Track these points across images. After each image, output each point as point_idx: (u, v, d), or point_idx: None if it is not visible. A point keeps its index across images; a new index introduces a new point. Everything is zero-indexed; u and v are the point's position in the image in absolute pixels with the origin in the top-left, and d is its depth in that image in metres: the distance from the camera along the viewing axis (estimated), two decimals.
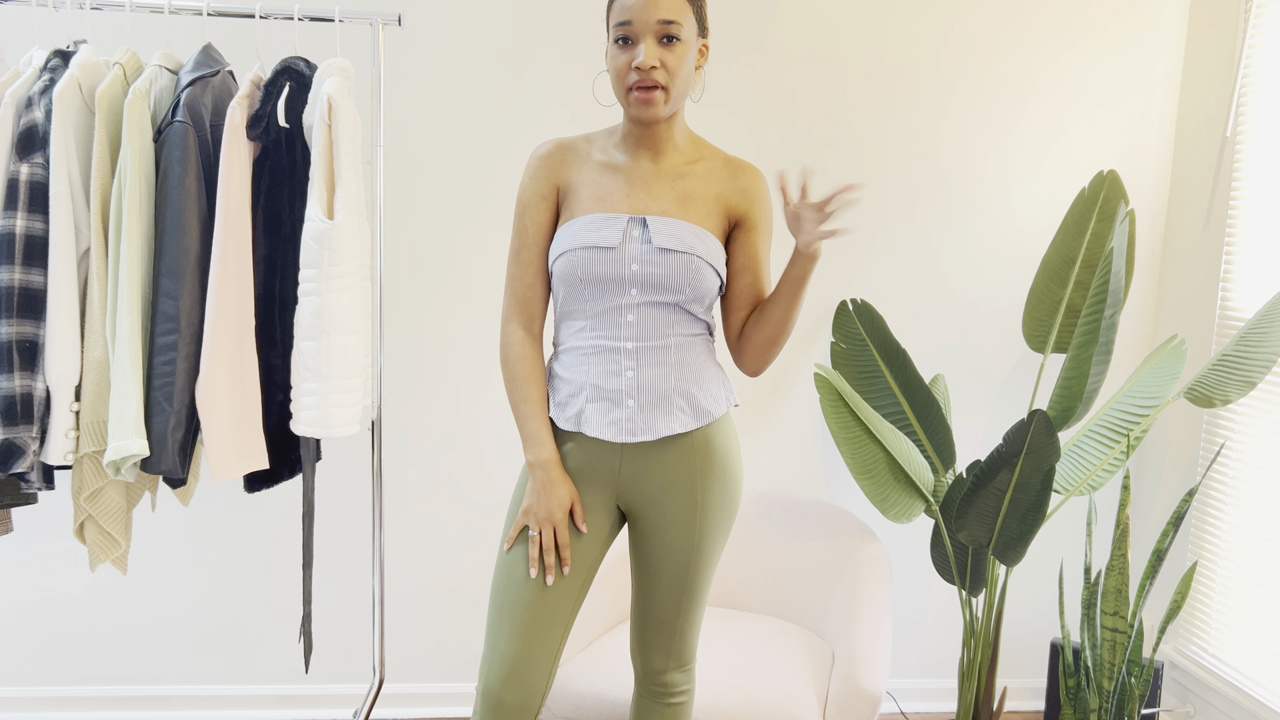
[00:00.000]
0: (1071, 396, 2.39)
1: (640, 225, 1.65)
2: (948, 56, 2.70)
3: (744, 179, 1.73)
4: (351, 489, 2.63)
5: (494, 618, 1.67)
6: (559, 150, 1.73)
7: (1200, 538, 2.70)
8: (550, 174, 1.72)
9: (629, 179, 1.69)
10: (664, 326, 1.66)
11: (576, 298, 1.67)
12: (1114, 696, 2.31)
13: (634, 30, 1.59)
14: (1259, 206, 2.53)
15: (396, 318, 2.62)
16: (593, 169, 1.71)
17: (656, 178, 1.69)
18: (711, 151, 1.75)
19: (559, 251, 1.67)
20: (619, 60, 1.61)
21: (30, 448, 1.86)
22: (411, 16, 2.51)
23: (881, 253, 2.76)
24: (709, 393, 1.71)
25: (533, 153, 1.75)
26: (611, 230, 1.64)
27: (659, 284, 1.63)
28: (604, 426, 1.66)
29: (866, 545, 2.44)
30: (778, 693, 2.07)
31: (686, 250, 1.63)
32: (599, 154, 1.72)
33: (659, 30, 1.58)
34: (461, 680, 2.79)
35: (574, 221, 1.67)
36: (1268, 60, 2.50)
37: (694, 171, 1.71)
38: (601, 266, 1.63)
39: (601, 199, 1.68)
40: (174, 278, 1.88)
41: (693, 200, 1.69)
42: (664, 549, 1.72)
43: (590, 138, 1.76)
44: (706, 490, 1.70)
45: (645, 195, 1.68)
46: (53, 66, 1.93)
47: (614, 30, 1.61)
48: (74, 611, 2.65)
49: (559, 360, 1.73)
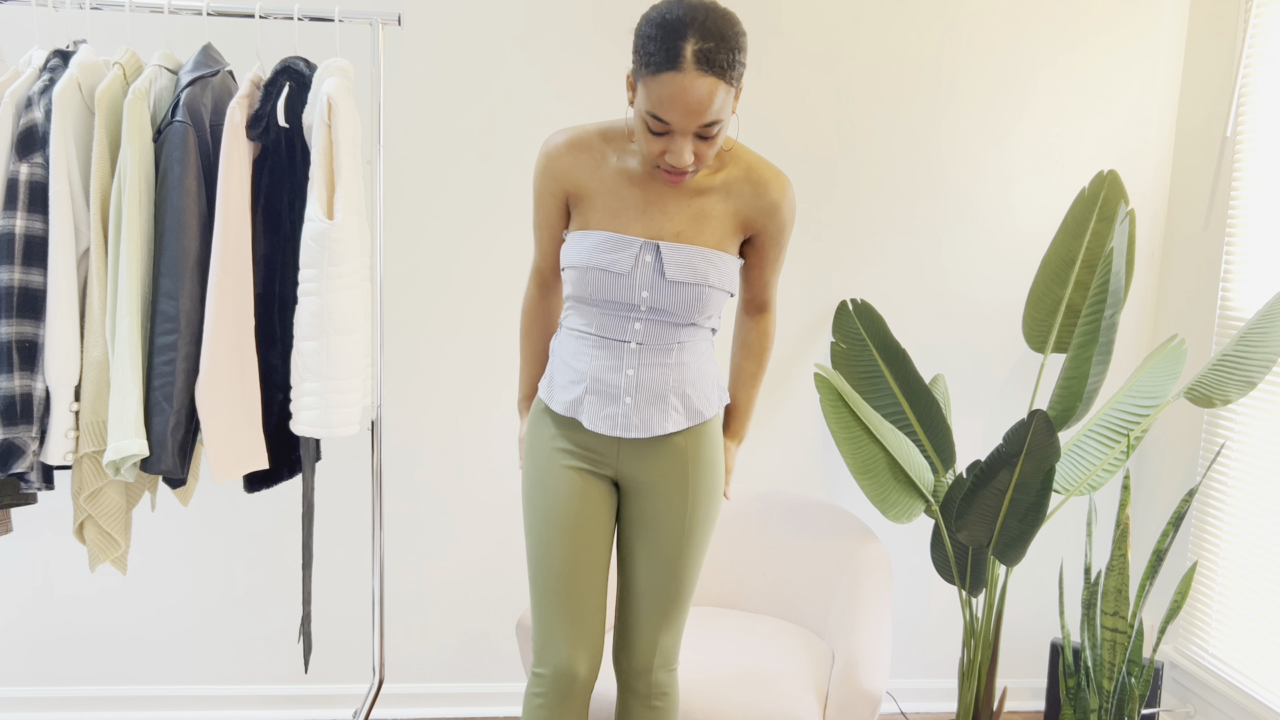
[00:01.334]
0: (1071, 396, 2.39)
1: (653, 252, 1.61)
2: (948, 57, 2.70)
3: (767, 195, 1.66)
4: (351, 489, 2.63)
5: (539, 600, 1.73)
6: (570, 151, 1.66)
7: (1200, 538, 2.70)
8: (559, 178, 1.67)
9: (646, 195, 1.63)
10: (669, 333, 1.68)
11: (584, 303, 1.69)
12: (1114, 696, 2.31)
13: (673, 126, 1.49)
14: (1259, 206, 2.53)
15: (396, 318, 2.62)
16: (609, 175, 1.65)
17: (674, 194, 1.63)
18: (737, 161, 1.67)
19: (569, 262, 1.66)
20: (651, 144, 1.52)
21: (30, 448, 1.86)
22: (411, 16, 2.51)
23: (882, 253, 2.76)
24: (703, 393, 1.72)
25: (544, 143, 1.69)
26: (624, 255, 1.61)
27: (666, 311, 1.65)
28: (600, 420, 1.67)
29: (866, 545, 2.44)
30: (778, 693, 2.07)
31: (698, 282, 1.62)
32: (615, 158, 1.65)
33: (700, 132, 1.50)
34: (462, 680, 2.79)
35: (587, 236, 1.65)
36: (1268, 60, 2.50)
37: (714, 186, 1.65)
38: (611, 291, 1.63)
39: (616, 213, 1.64)
40: (174, 277, 1.88)
41: (709, 219, 1.64)
42: (654, 544, 1.74)
43: (608, 134, 1.67)
44: (696, 487, 1.73)
45: (661, 215, 1.63)
46: (52, 66, 1.93)
47: (649, 110, 1.49)
48: (73, 611, 2.65)
49: (562, 341, 1.74)
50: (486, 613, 2.76)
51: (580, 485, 1.71)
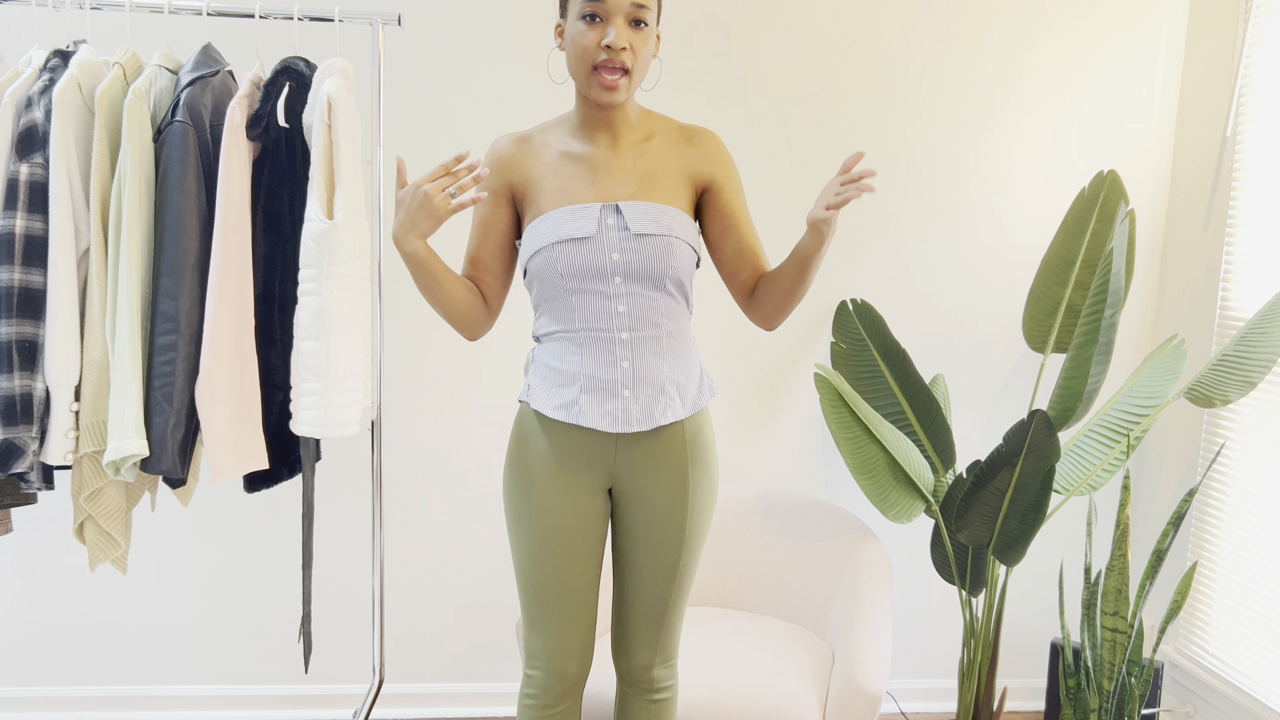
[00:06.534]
0: (1071, 396, 2.39)
1: (614, 212, 1.63)
2: (947, 57, 2.70)
3: (701, 144, 1.73)
4: (351, 489, 2.63)
5: (531, 610, 1.74)
6: (513, 145, 1.72)
7: (1200, 538, 2.70)
8: (503, 170, 1.71)
9: (590, 166, 1.68)
10: (655, 316, 1.66)
11: (559, 293, 1.65)
12: (1114, 696, 2.31)
13: (605, 9, 1.57)
14: (1259, 206, 2.52)
15: (396, 318, 2.62)
16: (552, 159, 1.70)
17: (617, 160, 1.68)
18: (664, 123, 1.74)
19: (533, 249, 1.65)
20: (585, 38, 1.59)
21: (30, 448, 1.86)
22: (411, 16, 2.51)
23: (882, 253, 2.76)
24: (695, 383, 1.72)
25: (490, 146, 1.74)
26: (585, 220, 1.62)
27: (641, 270, 1.63)
28: (600, 417, 1.65)
29: (866, 545, 2.44)
30: (778, 693, 2.07)
31: (665, 233, 1.63)
32: (556, 143, 1.71)
33: (630, 13, 1.58)
34: (461, 680, 2.79)
35: (544, 218, 1.66)
36: (1268, 60, 2.50)
37: (652, 148, 1.70)
38: (581, 258, 1.62)
39: (566, 190, 1.66)
40: (174, 277, 1.88)
41: (658, 178, 1.68)
42: (653, 541, 1.73)
43: (545, 128, 1.75)
44: (695, 480, 1.72)
45: (610, 180, 1.67)
46: (52, 66, 1.93)
47: (581, 5, 1.59)
48: (74, 612, 2.65)
49: (544, 349, 1.71)
50: (486, 613, 2.76)
51: (570, 502, 1.70)
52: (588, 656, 1.78)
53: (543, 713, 1.77)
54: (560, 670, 1.74)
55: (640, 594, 1.76)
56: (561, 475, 1.69)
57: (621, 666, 1.82)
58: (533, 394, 1.71)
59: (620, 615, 1.80)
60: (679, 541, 1.73)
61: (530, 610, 1.75)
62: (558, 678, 1.75)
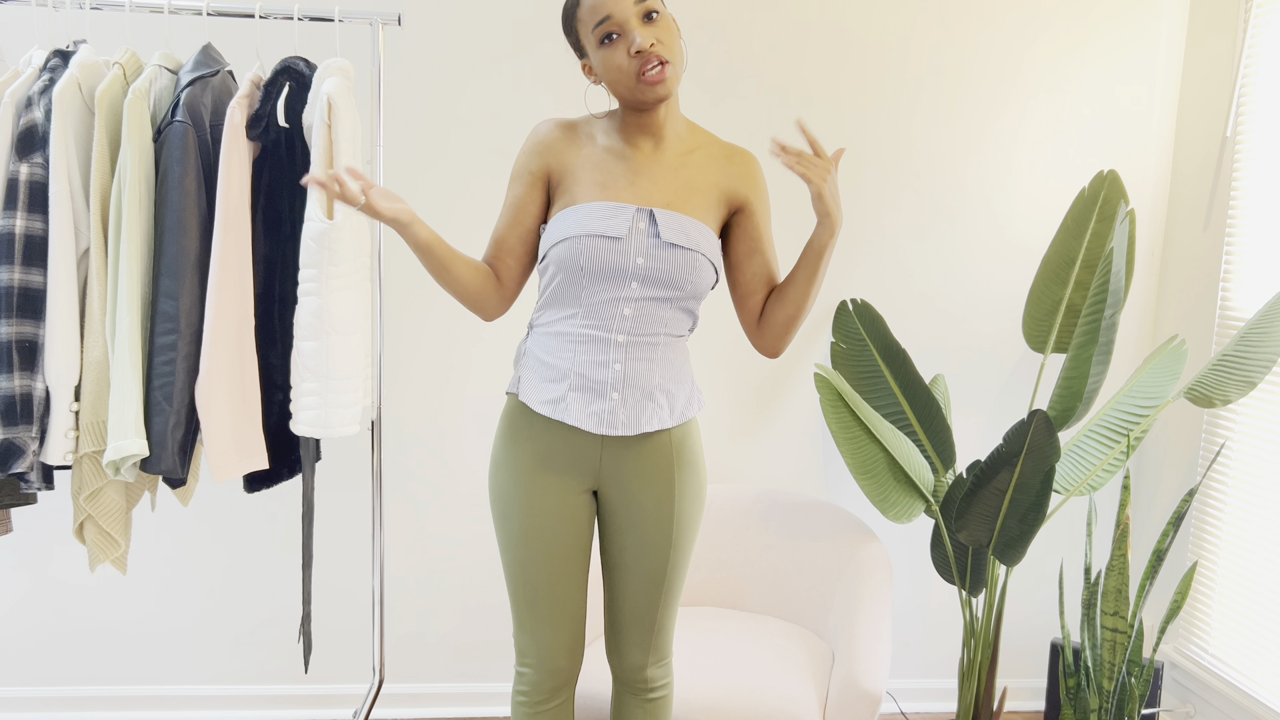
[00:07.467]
0: (1071, 396, 2.39)
1: (648, 218, 1.63)
2: (947, 57, 2.70)
3: (741, 165, 1.74)
4: (351, 489, 2.63)
5: (519, 610, 1.75)
6: (559, 129, 1.72)
7: (1200, 538, 2.70)
8: (544, 154, 1.71)
9: (632, 166, 1.67)
10: (657, 324, 1.66)
11: (573, 285, 1.64)
12: (1114, 696, 2.31)
13: (616, 22, 1.57)
14: (1259, 206, 2.53)
15: (396, 318, 2.62)
16: (594, 152, 1.69)
17: (659, 166, 1.68)
18: (707, 138, 1.75)
19: (560, 237, 1.64)
20: (616, 58, 1.59)
21: (30, 448, 1.86)
22: (411, 16, 2.51)
23: (882, 253, 2.76)
24: (685, 393, 1.72)
25: (534, 128, 1.74)
26: (619, 220, 1.62)
27: (661, 279, 1.62)
28: (585, 417, 1.65)
29: (866, 545, 2.44)
30: (778, 693, 2.07)
31: (693, 247, 1.63)
32: (602, 137, 1.71)
33: (638, 11, 1.58)
34: (461, 680, 2.79)
35: (577, 208, 1.65)
36: (1268, 60, 2.50)
37: (693, 160, 1.70)
38: (606, 257, 1.61)
39: (605, 185, 1.66)
40: (174, 277, 1.88)
41: (694, 192, 1.68)
42: (641, 544, 1.73)
43: (590, 120, 1.74)
44: (682, 483, 1.72)
45: (649, 184, 1.66)
46: (52, 66, 1.93)
47: (595, 34, 1.60)
48: (73, 612, 2.65)
49: (537, 341, 1.71)
50: (486, 613, 2.76)
51: (557, 505, 1.69)
52: (578, 652, 1.78)
53: (535, 709, 1.77)
54: (551, 667, 1.75)
55: (630, 597, 1.76)
56: (547, 477, 1.69)
57: (616, 667, 1.83)
58: (522, 386, 1.71)
59: (612, 617, 1.80)
60: (667, 544, 1.72)
61: (519, 610, 1.75)
62: (549, 674, 1.75)
